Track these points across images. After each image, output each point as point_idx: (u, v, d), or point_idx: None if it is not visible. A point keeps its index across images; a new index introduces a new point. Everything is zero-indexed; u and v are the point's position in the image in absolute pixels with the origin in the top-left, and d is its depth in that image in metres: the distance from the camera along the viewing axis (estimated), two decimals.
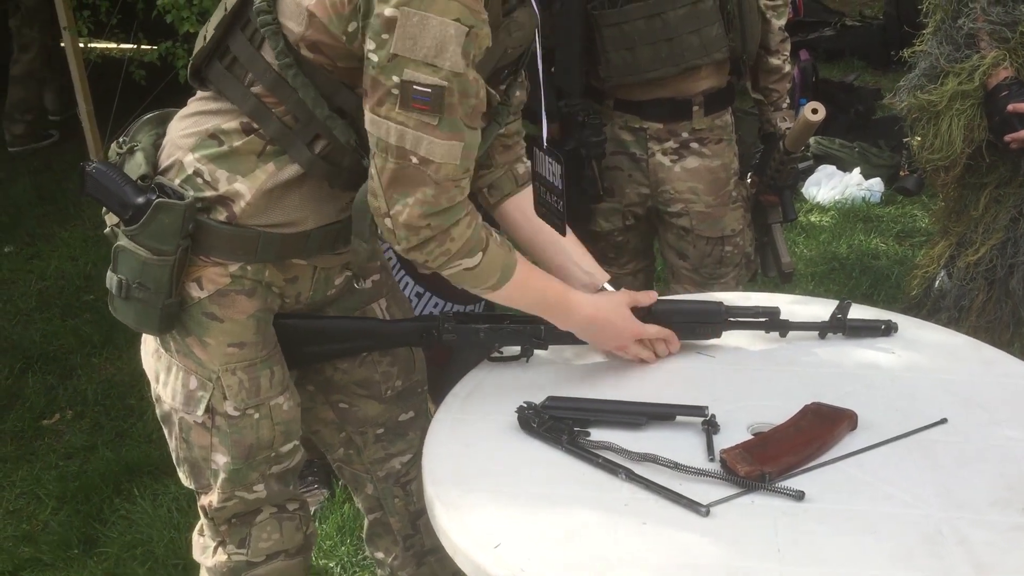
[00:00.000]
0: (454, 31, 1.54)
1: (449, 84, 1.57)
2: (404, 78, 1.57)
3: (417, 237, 1.67)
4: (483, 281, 1.77)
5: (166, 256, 1.76)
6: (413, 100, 1.57)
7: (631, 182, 2.83)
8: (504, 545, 1.48)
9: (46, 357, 4.19)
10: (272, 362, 1.92)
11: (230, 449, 1.91)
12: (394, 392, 2.15)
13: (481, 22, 1.57)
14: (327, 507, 3.21)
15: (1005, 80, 2.52)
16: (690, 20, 2.60)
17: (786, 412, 1.74)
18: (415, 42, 1.54)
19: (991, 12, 2.54)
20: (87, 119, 5.63)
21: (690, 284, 2.91)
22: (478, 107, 1.64)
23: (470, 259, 1.72)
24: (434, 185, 1.63)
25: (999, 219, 2.64)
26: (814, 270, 4.68)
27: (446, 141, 1.61)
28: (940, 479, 1.61)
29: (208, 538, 2.05)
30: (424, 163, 1.61)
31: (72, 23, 5.39)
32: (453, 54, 1.55)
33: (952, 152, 2.60)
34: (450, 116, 1.59)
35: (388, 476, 2.23)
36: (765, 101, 2.89)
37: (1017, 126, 2.50)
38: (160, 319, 1.82)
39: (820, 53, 7.09)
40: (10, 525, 3.25)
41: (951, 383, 1.89)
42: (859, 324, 2.04)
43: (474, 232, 1.71)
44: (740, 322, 2.02)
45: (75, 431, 3.74)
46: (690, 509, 1.53)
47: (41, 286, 4.82)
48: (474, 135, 1.65)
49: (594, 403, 1.79)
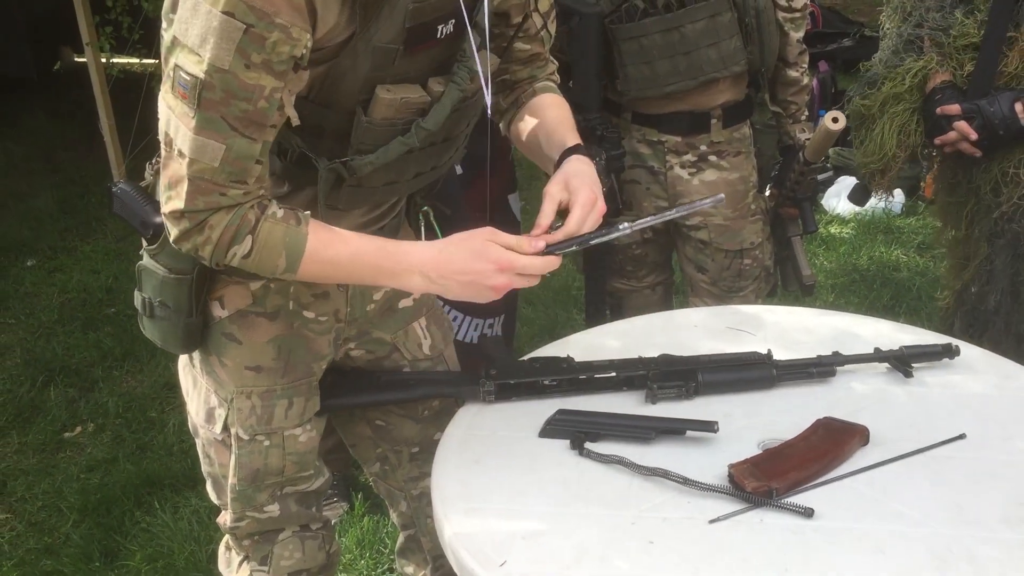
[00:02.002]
0: (218, 23, 1.44)
1: (207, 78, 1.47)
2: (177, 62, 1.50)
3: (177, 228, 1.58)
4: (270, 266, 1.63)
5: (184, 275, 1.76)
6: (178, 86, 1.50)
7: (649, 195, 2.83)
8: (510, 563, 1.47)
9: (68, 370, 4.22)
10: (295, 393, 1.90)
11: (237, 470, 1.91)
12: (431, 412, 2.13)
13: (268, 24, 1.45)
14: (347, 520, 3.21)
15: (940, 84, 2.51)
16: (708, 33, 2.60)
17: (798, 427, 1.73)
18: (187, 28, 1.47)
19: (930, 17, 2.54)
20: (109, 133, 5.68)
21: (709, 297, 2.90)
22: (253, 115, 1.52)
23: (240, 246, 1.59)
24: (188, 181, 1.53)
25: (978, 240, 2.63)
26: (834, 282, 4.66)
27: (198, 136, 1.51)
28: (951, 496, 1.59)
29: (233, 553, 2.07)
30: (180, 155, 1.53)
31: (95, 39, 5.44)
32: (216, 47, 1.45)
33: (884, 155, 2.59)
34: (207, 112, 1.50)
35: (422, 495, 2.22)
36: (784, 113, 2.88)
37: (946, 128, 2.48)
38: (183, 338, 1.82)
39: (839, 64, 7.05)
40: (32, 537, 3.27)
41: (967, 397, 1.88)
42: (917, 351, 1.97)
43: (234, 216, 1.58)
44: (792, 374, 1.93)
45: (96, 444, 3.76)
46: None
47: (63, 299, 4.86)
48: (244, 144, 1.53)
49: (604, 416, 1.79)
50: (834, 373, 1.92)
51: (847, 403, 1.84)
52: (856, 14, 8.47)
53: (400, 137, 1.69)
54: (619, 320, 2.43)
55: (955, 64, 2.50)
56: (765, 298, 2.98)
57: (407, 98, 1.66)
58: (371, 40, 1.58)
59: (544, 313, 4.42)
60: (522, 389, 1.90)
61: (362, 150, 1.69)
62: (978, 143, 2.44)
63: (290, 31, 1.47)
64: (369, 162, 1.69)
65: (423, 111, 1.69)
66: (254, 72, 1.49)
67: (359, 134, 1.67)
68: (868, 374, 1.95)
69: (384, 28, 1.57)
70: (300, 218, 1.63)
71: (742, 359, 1.92)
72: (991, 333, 2.64)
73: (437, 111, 1.69)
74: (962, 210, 2.66)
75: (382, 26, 1.57)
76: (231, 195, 1.57)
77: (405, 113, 1.68)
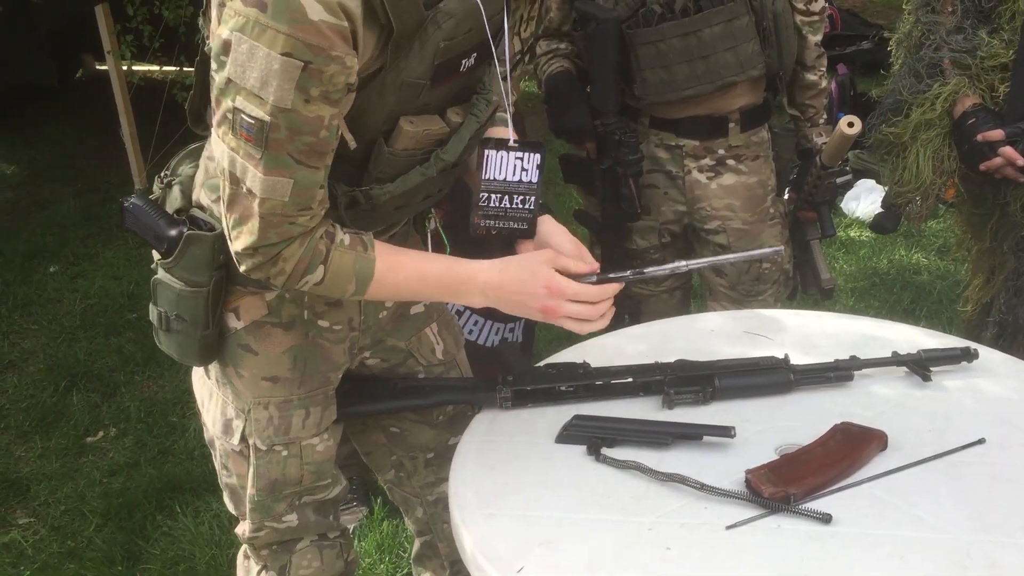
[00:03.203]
0: (279, 66, 1.45)
1: (273, 119, 1.49)
2: (236, 104, 1.51)
3: (251, 261, 1.61)
4: (340, 291, 1.69)
5: (200, 287, 1.77)
6: (241, 128, 1.51)
7: (667, 200, 2.82)
8: (527, 570, 1.47)
9: (90, 375, 4.25)
10: (312, 403, 1.90)
11: (255, 481, 1.91)
12: (445, 418, 2.14)
13: (325, 58, 1.46)
14: (366, 525, 3.22)
15: (971, 108, 2.48)
16: (726, 37, 2.59)
17: (815, 432, 1.72)
18: (244, 71, 1.47)
19: (951, 40, 2.51)
20: (130, 141, 5.72)
21: (727, 302, 2.90)
22: (316, 145, 1.54)
23: (312, 275, 1.64)
24: (259, 219, 1.56)
25: (1006, 254, 2.61)
26: (855, 285, 4.64)
27: (268, 177, 1.53)
28: (971, 501, 1.58)
29: (252, 562, 2.07)
30: (250, 194, 1.55)
31: (115, 47, 5.48)
32: (279, 89, 1.46)
33: (921, 183, 2.57)
34: (273, 152, 1.52)
35: (438, 501, 2.22)
36: (802, 117, 2.87)
37: (988, 154, 2.45)
38: (200, 350, 1.83)
39: (858, 67, 7.01)
40: (55, 541, 3.30)
41: (987, 402, 1.87)
42: (936, 355, 1.96)
43: (307, 248, 1.62)
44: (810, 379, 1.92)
45: (119, 448, 3.78)
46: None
47: (85, 305, 4.89)
48: (309, 173, 1.56)
49: (621, 422, 1.79)
50: (851, 377, 1.92)
51: (865, 408, 1.83)
52: (875, 16, 8.44)
53: (419, 167, 1.72)
54: (637, 325, 2.43)
55: (985, 86, 2.48)
56: (784, 302, 2.97)
57: (429, 130, 1.69)
58: (400, 75, 1.60)
59: None
60: (538, 395, 1.90)
61: (380, 179, 1.71)
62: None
63: (344, 61, 1.49)
64: (388, 191, 1.72)
65: (442, 141, 1.72)
66: (314, 105, 1.50)
67: (379, 164, 1.69)
68: (887, 378, 1.94)
69: (413, 64, 1.59)
70: (367, 243, 1.68)
71: (759, 364, 1.92)
72: (1021, 341, 2.63)
73: (456, 142, 1.73)
74: (987, 222, 2.64)
75: (412, 62, 1.59)
76: (300, 223, 1.59)
77: (425, 144, 1.70)
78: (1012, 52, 2.43)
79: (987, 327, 2.76)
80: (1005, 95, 2.45)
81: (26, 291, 5.03)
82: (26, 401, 4.10)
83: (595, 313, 1.74)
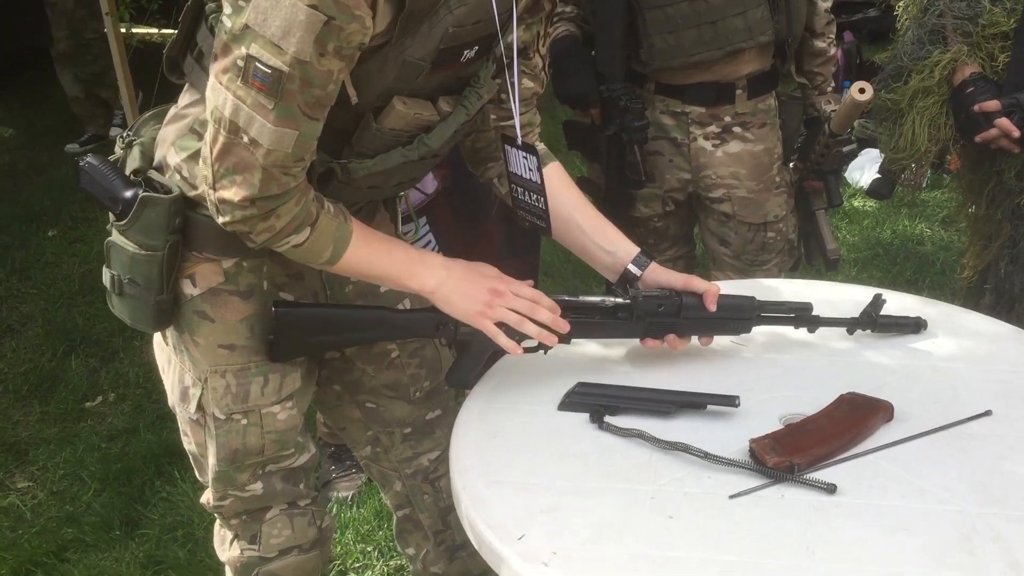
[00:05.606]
0: (304, 17, 1.45)
1: (291, 70, 1.49)
2: (251, 52, 1.49)
3: (241, 213, 1.59)
4: (315, 257, 1.69)
5: (154, 251, 1.75)
6: (253, 77, 1.50)
7: (672, 167, 2.80)
8: (528, 537, 1.46)
9: (89, 340, 4.24)
10: (270, 369, 1.88)
11: (217, 451, 1.89)
12: (422, 393, 2.12)
13: (348, 16, 1.47)
14: (364, 492, 3.22)
15: (970, 76, 2.45)
16: (735, 3, 2.56)
17: (821, 403, 1.71)
18: (266, 18, 1.47)
19: (954, 7, 2.48)
20: (128, 103, 5.69)
21: (731, 271, 2.88)
22: (322, 99, 1.55)
23: (297, 236, 1.65)
24: (261, 170, 1.55)
25: (1001, 220, 2.59)
26: (857, 256, 4.62)
27: (278, 127, 1.53)
28: (977, 474, 1.56)
29: (226, 531, 2.05)
30: (253, 144, 1.54)
31: (114, 9, 5.44)
32: (300, 40, 1.46)
33: (916, 151, 2.55)
34: (287, 103, 1.52)
35: (416, 473, 2.21)
36: (809, 85, 2.85)
37: (984, 125, 2.42)
38: (153, 315, 1.81)
39: (864, 34, 6.97)
40: (54, 506, 3.30)
41: (993, 373, 1.85)
42: (889, 321, 1.96)
43: (302, 208, 1.63)
44: (770, 318, 1.92)
45: (117, 413, 3.78)
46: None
47: (84, 269, 4.88)
48: (312, 125, 1.57)
49: (624, 390, 1.77)
50: (813, 321, 1.92)
51: (871, 378, 1.81)
52: None
53: (401, 148, 1.73)
54: None
55: (984, 55, 2.45)
56: (788, 272, 2.96)
57: (420, 114, 1.70)
58: (403, 52, 1.59)
59: (563, 285, 4.40)
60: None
61: (362, 153, 1.71)
62: (1020, 140, 2.38)
63: (364, 21, 1.49)
64: (366, 167, 1.72)
65: (428, 128, 1.73)
66: (327, 59, 1.50)
67: (364, 138, 1.69)
68: (893, 349, 1.93)
69: (419, 44, 1.59)
70: (346, 214, 1.71)
71: (727, 299, 1.90)
72: (1018, 311, 2.61)
73: (442, 129, 1.74)
74: (984, 187, 2.62)
75: (417, 42, 1.59)
76: (294, 173, 1.59)
77: (412, 127, 1.71)
78: (1013, 21, 2.40)
79: (984, 294, 2.75)
80: (1005, 64, 2.43)
81: (24, 255, 5.02)
82: (24, 365, 4.10)
83: (538, 313, 1.79)
